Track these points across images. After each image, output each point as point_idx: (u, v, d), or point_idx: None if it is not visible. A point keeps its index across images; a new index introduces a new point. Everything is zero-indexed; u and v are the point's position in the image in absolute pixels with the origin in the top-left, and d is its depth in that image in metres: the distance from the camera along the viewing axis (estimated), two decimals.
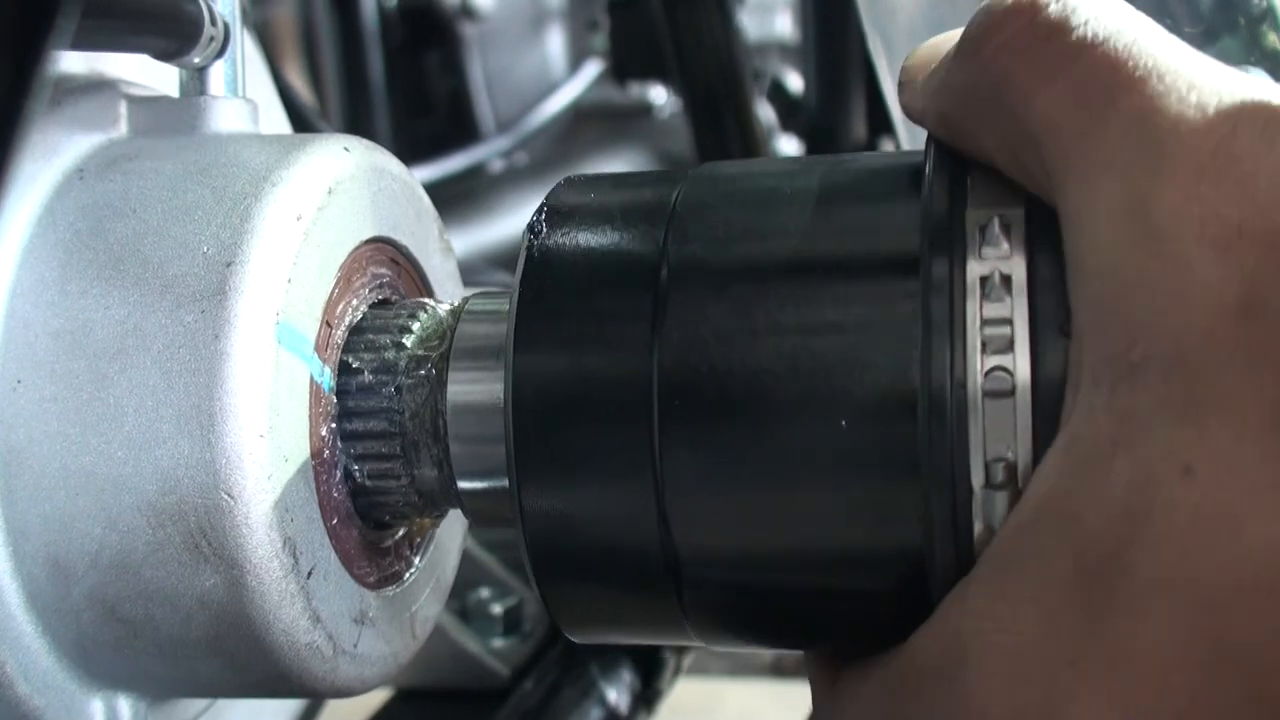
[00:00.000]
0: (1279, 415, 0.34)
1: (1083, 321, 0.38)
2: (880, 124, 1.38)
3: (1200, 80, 0.37)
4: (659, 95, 1.88)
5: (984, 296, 0.40)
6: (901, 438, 0.41)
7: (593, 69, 1.84)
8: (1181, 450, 0.35)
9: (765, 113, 1.61)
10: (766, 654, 1.58)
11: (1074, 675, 0.36)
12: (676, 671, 0.84)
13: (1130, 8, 0.40)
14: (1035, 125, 0.40)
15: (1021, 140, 0.40)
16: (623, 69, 1.68)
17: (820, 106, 1.44)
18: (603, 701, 0.77)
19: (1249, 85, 0.37)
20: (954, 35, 0.43)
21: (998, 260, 0.40)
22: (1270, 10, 0.62)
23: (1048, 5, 0.40)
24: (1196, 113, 0.37)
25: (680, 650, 0.84)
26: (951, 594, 0.40)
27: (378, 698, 0.82)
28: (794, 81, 1.64)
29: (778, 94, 1.52)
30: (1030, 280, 0.40)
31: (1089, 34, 0.39)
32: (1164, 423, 0.35)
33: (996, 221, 0.41)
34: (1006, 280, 0.40)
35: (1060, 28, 0.40)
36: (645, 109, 1.88)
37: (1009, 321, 0.40)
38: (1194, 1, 0.61)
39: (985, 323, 0.40)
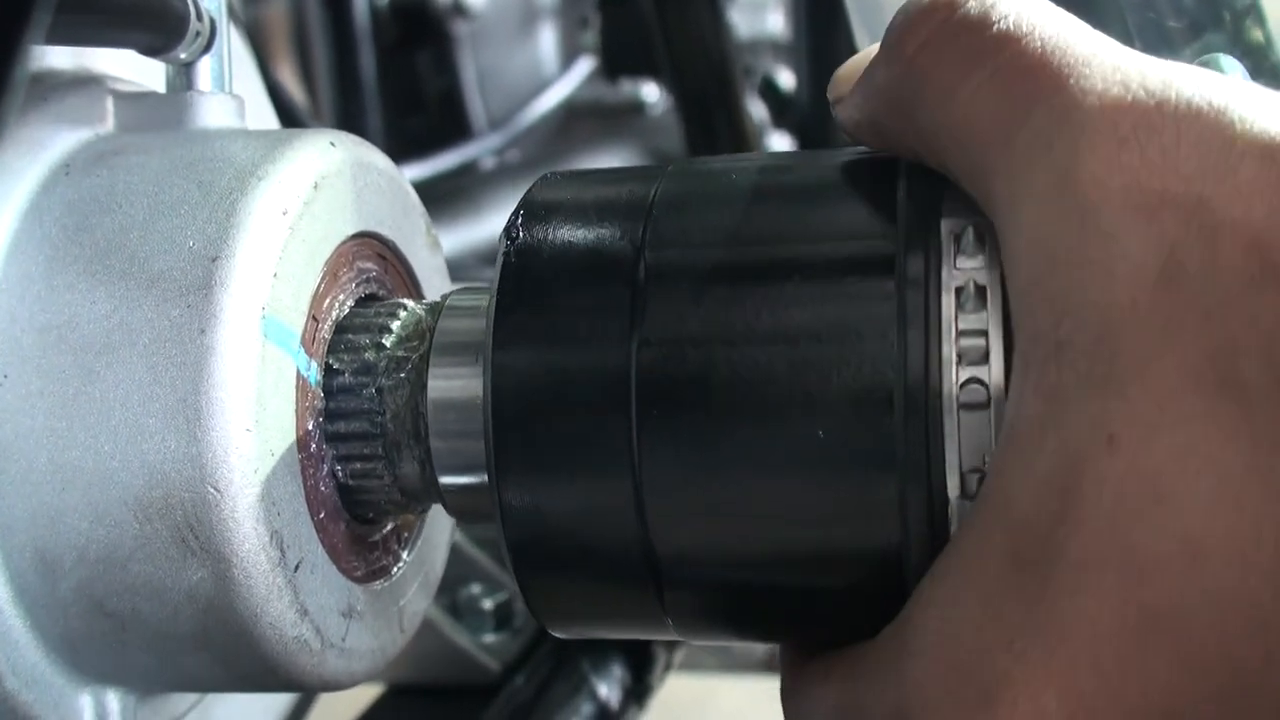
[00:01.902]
0: (1198, 377, 0.34)
1: (1016, 308, 0.38)
2: None
3: (1125, 64, 0.38)
4: (651, 93, 1.88)
5: (959, 308, 0.40)
6: (879, 439, 0.41)
7: (584, 66, 1.84)
8: (1105, 422, 0.35)
9: (757, 110, 1.61)
10: (759, 650, 1.58)
11: (1011, 659, 0.36)
12: (667, 667, 0.84)
13: (1050, 3, 0.40)
14: (958, 120, 0.40)
15: (947, 137, 0.40)
16: (613, 66, 1.68)
17: (811, 104, 1.44)
18: (594, 696, 0.77)
19: (1173, 68, 0.38)
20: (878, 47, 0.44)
21: (972, 271, 0.41)
22: (1255, 4, 0.62)
23: (966, 1, 0.40)
24: (1120, 90, 0.37)
25: (671, 645, 0.85)
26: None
27: (369, 693, 0.82)
28: (786, 79, 1.64)
29: (769, 91, 1.52)
30: (1005, 291, 0.40)
31: (1009, 27, 0.39)
32: (1088, 396, 0.35)
33: (970, 231, 0.41)
34: (981, 291, 0.40)
35: (979, 23, 0.40)
36: (637, 107, 1.88)
37: (984, 333, 0.40)
38: None
39: (960, 334, 0.40)
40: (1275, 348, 0.34)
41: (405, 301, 0.52)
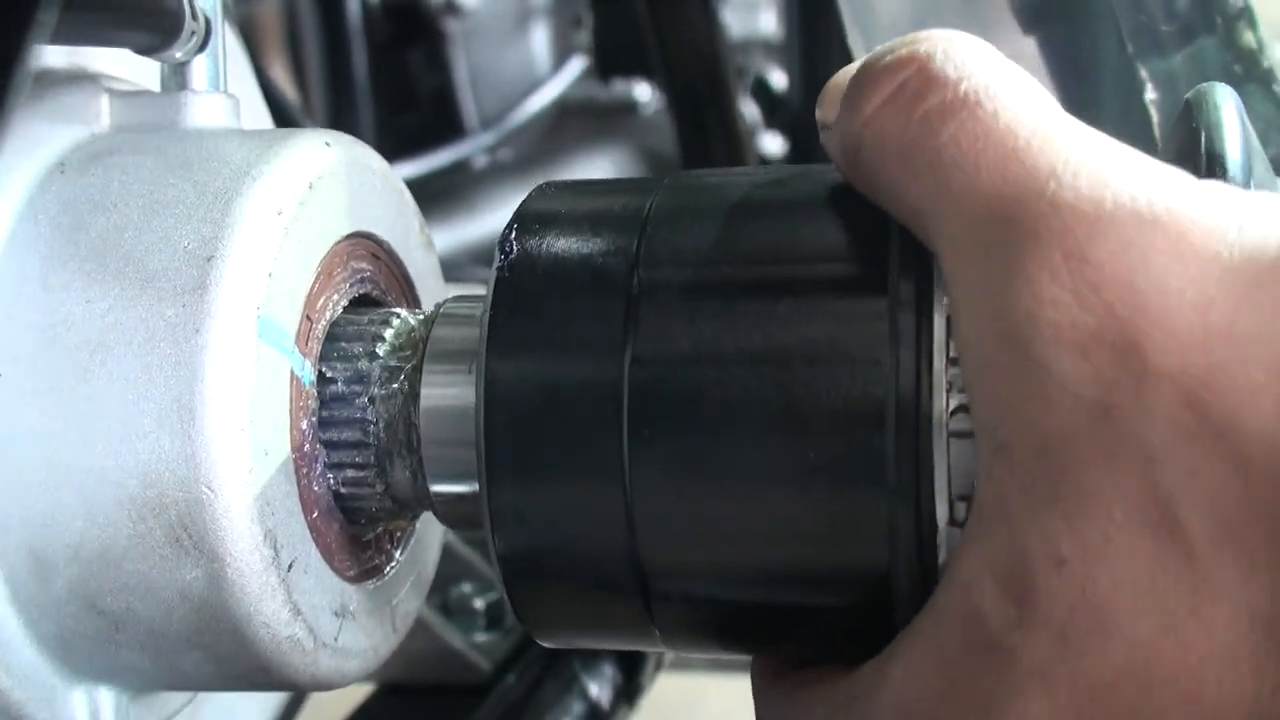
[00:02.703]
0: (1142, 517, 0.35)
1: (966, 379, 0.38)
2: None
3: (1084, 161, 0.37)
4: (643, 92, 1.88)
5: (950, 336, 0.40)
6: (869, 461, 0.41)
7: (577, 66, 1.84)
8: (1054, 542, 0.36)
9: (750, 110, 1.61)
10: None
11: None
12: (658, 667, 0.85)
13: (1024, 75, 0.40)
14: (911, 192, 0.40)
15: (902, 198, 0.41)
16: (606, 65, 1.68)
17: (803, 104, 1.44)
18: (585, 696, 0.77)
19: (1136, 166, 0.37)
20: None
21: None
22: (1247, 8, 0.62)
23: (930, 60, 0.40)
24: (1070, 197, 0.36)
25: None
26: None
27: (361, 692, 0.82)
28: (778, 79, 1.64)
29: (761, 91, 1.53)
30: None
31: (973, 93, 0.39)
32: (1034, 508, 0.36)
33: None
34: None
35: (939, 84, 0.39)
36: (630, 106, 1.89)
37: None
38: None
39: (951, 360, 0.40)
40: (1216, 501, 0.34)
41: (399, 310, 0.52)
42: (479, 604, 0.83)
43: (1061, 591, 0.35)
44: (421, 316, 0.52)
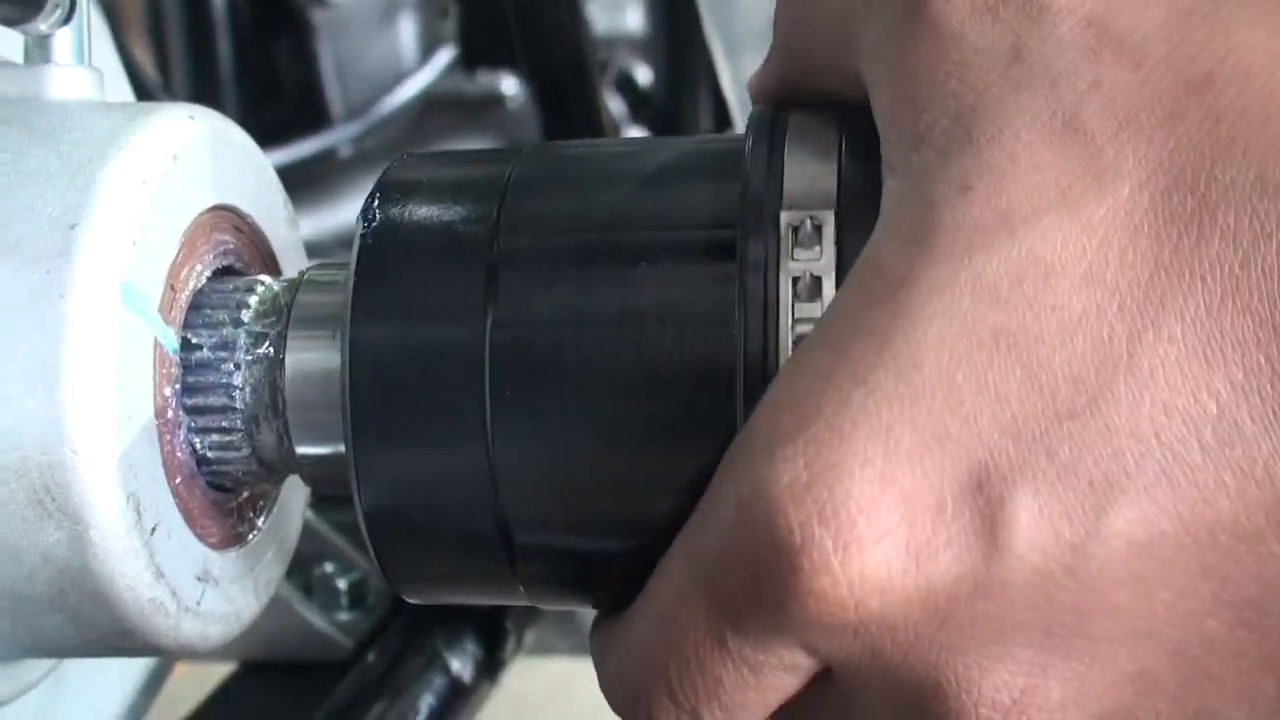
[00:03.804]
0: (1047, 132, 0.37)
1: (884, 139, 0.41)
2: (725, 116, 1.41)
3: None
4: (510, 86, 1.89)
5: (795, 296, 0.42)
6: (720, 418, 0.43)
7: (445, 56, 1.84)
8: (961, 176, 0.37)
9: (617, 105, 1.63)
10: None
11: (863, 393, 0.37)
12: (519, 644, 0.86)
13: None
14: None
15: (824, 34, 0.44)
16: (471, 55, 1.68)
17: (668, 99, 1.46)
18: (446, 670, 0.78)
19: None
20: None
21: (809, 262, 0.42)
22: None
23: None
24: None
25: (521, 623, 0.86)
26: None
27: (222, 670, 0.82)
28: (643, 74, 1.66)
29: (626, 85, 1.55)
30: (839, 281, 0.42)
31: None
32: (946, 161, 0.38)
33: (808, 223, 0.43)
34: (816, 282, 0.42)
35: None
36: (497, 99, 1.89)
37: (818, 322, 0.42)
38: None
39: (796, 321, 0.42)
40: (1116, 99, 0.37)
41: (263, 277, 0.53)
42: (341, 584, 0.83)
43: (964, 212, 0.37)
44: (286, 283, 0.53)
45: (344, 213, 1.45)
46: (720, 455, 0.42)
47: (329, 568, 0.84)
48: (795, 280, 0.42)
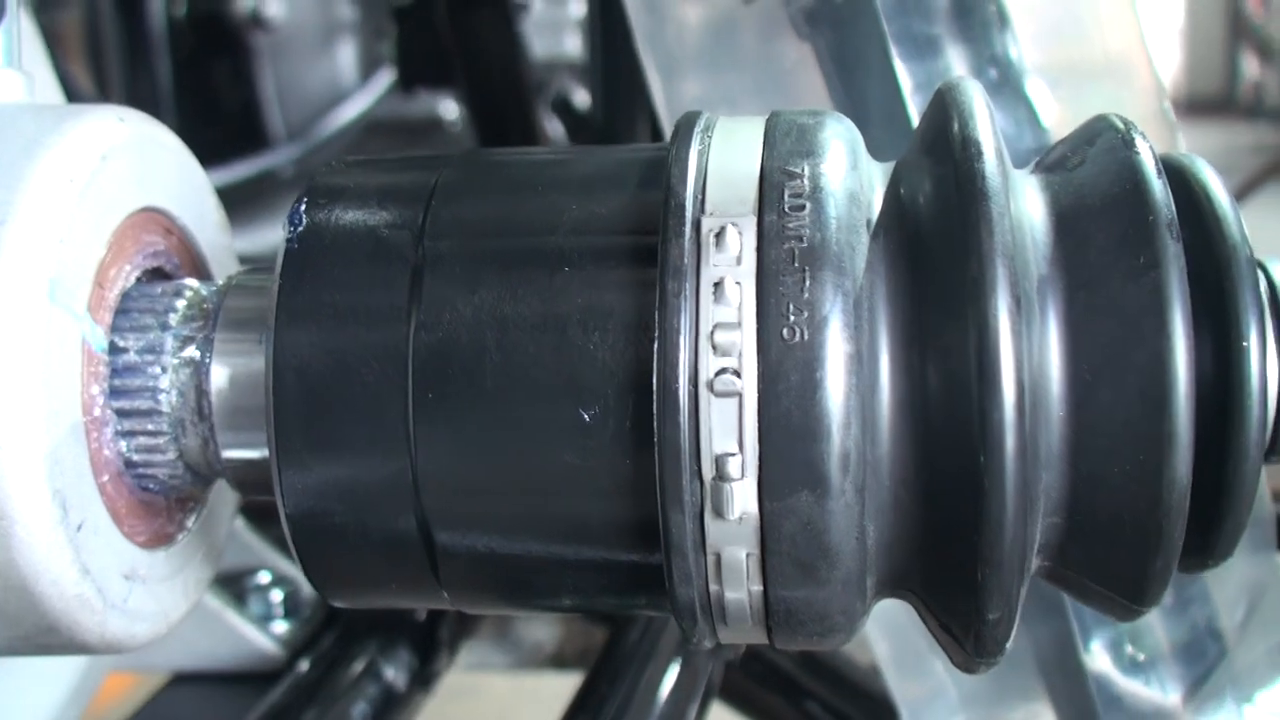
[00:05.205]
0: None
1: None
2: (661, 138, 1.42)
3: None
4: (449, 110, 1.90)
5: (715, 300, 0.43)
6: (639, 421, 0.44)
7: (384, 79, 1.85)
8: None
9: (555, 127, 1.64)
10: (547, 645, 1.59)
11: None
12: (453, 653, 0.86)
13: None
14: None
15: None
16: (409, 77, 1.69)
17: (604, 121, 1.47)
18: (379, 679, 0.78)
19: None
20: None
21: (729, 267, 0.43)
22: (1001, 13, 0.67)
23: None
24: None
25: (455, 632, 0.86)
26: None
27: (155, 680, 0.82)
28: (581, 97, 1.67)
29: (564, 109, 1.56)
30: (760, 286, 0.43)
31: None
32: None
33: (730, 228, 0.44)
34: (737, 286, 0.43)
35: None
36: (436, 122, 1.90)
37: (737, 326, 0.43)
38: (931, 2, 0.66)
39: (716, 327, 0.43)
40: None
41: (191, 281, 0.54)
42: (275, 595, 0.83)
43: None
44: (214, 288, 0.53)
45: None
46: (639, 458, 0.43)
47: (263, 578, 0.84)
48: (715, 285, 0.43)
